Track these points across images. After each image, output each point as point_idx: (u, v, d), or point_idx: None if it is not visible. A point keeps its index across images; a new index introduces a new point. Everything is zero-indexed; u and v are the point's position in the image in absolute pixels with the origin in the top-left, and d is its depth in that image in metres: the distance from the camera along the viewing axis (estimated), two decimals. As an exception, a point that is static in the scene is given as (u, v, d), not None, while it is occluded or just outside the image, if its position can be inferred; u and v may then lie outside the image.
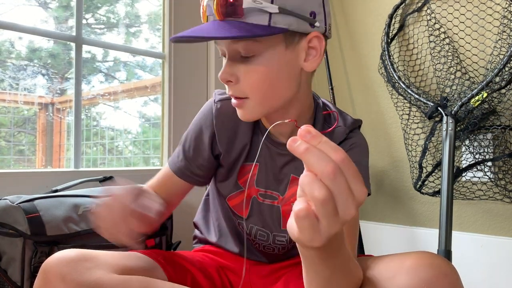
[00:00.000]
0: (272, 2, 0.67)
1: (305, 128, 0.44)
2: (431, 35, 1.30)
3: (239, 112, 0.76)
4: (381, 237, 1.49)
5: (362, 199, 0.44)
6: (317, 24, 0.72)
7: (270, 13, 0.67)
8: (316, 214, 0.43)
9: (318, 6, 0.72)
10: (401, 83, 1.26)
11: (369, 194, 0.81)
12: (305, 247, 0.50)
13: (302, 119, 0.82)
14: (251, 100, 0.73)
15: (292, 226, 0.46)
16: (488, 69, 1.20)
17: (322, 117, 0.84)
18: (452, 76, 1.23)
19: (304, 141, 0.43)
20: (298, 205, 0.43)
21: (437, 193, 1.27)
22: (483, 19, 1.24)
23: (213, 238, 0.93)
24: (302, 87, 0.77)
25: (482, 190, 1.23)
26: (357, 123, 0.86)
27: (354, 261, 0.62)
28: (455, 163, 1.16)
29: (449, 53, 1.27)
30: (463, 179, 1.27)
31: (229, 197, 0.87)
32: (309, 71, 0.75)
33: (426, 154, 1.29)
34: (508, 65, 1.09)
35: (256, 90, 0.72)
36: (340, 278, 0.57)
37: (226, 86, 0.74)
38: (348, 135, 0.82)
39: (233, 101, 0.75)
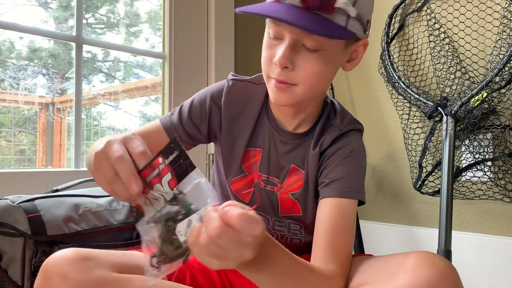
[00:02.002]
0: (353, 5, 0.69)
1: None
2: (431, 35, 1.30)
3: (278, 96, 0.76)
4: (380, 236, 1.50)
5: (256, 234, 0.48)
6: (367, 32, 0.77)
7: (349, 16, 0.69)
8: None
9: (371, 15, 0.76)
10: (401, 83, 1.26)
11: (363, 203, 0.82)
12: None
13: (314, 113, 0.85)
14: (298, 88, 0.74)
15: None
16: (488, 69, 1.20)
17: (327, 115, 0.86)
18: (452, 76, 1.24)
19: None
20: (191, 234, 0.50)
21: (437, 192, 1.27)
22: (483, 19, 1.24)
23: None
24: None
25: (482, 190, 1.23)
26: (356, 124, 0.86)
27: (314, 272, 0.66)
28: (455, 163, 1.17)
29: (449, 53, 1.27)
30: (463, 178, 1.27)
31: (232, 181, 0.87)
32: (347, 71, 0.81)
33: (426, 153, 1.29)
34: (508, 65, 1.09)
35: (309, 81, 0.74)
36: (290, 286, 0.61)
37: (276, 70, 0.73)
38: (346, 133, 0.83)
39: (278, 84, 0.74)
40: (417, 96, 1.22)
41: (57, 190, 1.14)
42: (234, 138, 0.85)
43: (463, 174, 1.24)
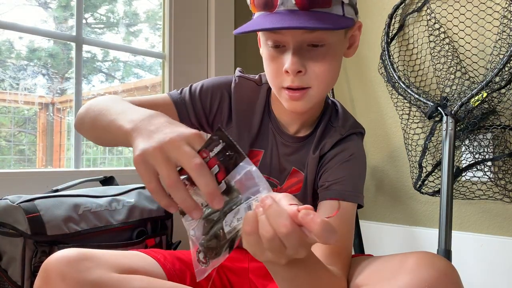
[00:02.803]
0: None
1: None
2: (431, 35, 1.30)
3: (295, 105, 0.75)
4: (380, 236, 1.49)
5: (315, 242, 0.47)
6: (358, 14, 0.76)
7: (343, 3, 0.70)
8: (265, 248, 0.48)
9: None
10: (401, 83, 1.26)
11: (361, 206, 0.82)
12: None
13: (315, 114, 0.84)
14: (313, 90, 0.74)
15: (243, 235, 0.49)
16: (488, 69, 1.20)
17: (329, 117, 0.85)
18: (452, 76, 1.24)
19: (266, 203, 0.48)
20: (247, 222, 0.48)
21: (437, 192, 1.27)
22: (483, 19, 1.24)
23: None
24: None
25: (482, 190, 1.23)
26: (357, 128, 0.86)
27: (327, 271, 0.65)
28: (455, 163, 1.16)
29: (449, 53, 1.27)
30: (463, 178, 1.27)
31: None
32: (348, 57, 0.80)
33: (426, 154, 1.29)
34: (508, 65, 1.09)
35: (322, 79, 0.73)
36: (306, 283, 0.59)
37: (288, 78, 0.72)
38: (347, 137, 0.83)
39: (292, 93, 0.73)
40: (417, 96, 1.22)
41: (57, 190, 1.14)
42: (240, 137, 0.85)
43: (463, 174, 1.24)
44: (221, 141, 0.49)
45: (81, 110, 0.75)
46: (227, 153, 0.49)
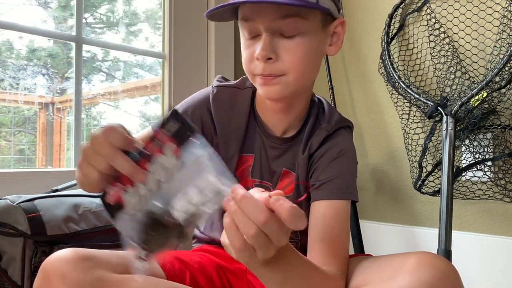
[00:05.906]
0: None
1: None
2: (431, 34, 1.30)
3: (269, 90, 0.74)
4: (380, 236, 1.49)
5: (292, 229, 0.49)
6: (341, 11, 0.76)
7: None
8: (251, 245, 0.49)
9: None
10: (401, 83, 1.26)
11: (356, 201, 0.81)
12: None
13: (302, 113, 0.83)
14: (288, 77, 0.73)
15: (231, 250, 0.51)
16: (488, 68, 1.20)
17: (315, 115, 0.85)
18: (452, 76, 1.23)
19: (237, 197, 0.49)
20: (235, 240, 0.49)
21: (437, 192, 1.27)
22: (483, 18, 1.24)
23: (207, 230, 0.94)
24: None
25: (482, 190, 1.23)
26: (344, 123, 0.85)
27: (318, 272, 0.65)
28: (455, 163, 1.16)
29: (449, 53, 1.27)
30: (463, 178, 1.27)
31: None
32: (331, 55, 0.80)
33: (426, 153, 1.29)
34: (508, 64, 1.09)
35: (298, 66, 0.73)
36: (297, 284, 0.60)
37: (259, 65, 0.73)
38: (334, 133, 0.83)
39: (264, 79, 0.73)
40: (417, 96, 1.22)
41: (57, 190, 1.14)
42: (227, 145, 0.84)
43: (463, 174, 1.24)
44: (176, 120, 0.50)
45: None
46: (182, 132, 0.50)
